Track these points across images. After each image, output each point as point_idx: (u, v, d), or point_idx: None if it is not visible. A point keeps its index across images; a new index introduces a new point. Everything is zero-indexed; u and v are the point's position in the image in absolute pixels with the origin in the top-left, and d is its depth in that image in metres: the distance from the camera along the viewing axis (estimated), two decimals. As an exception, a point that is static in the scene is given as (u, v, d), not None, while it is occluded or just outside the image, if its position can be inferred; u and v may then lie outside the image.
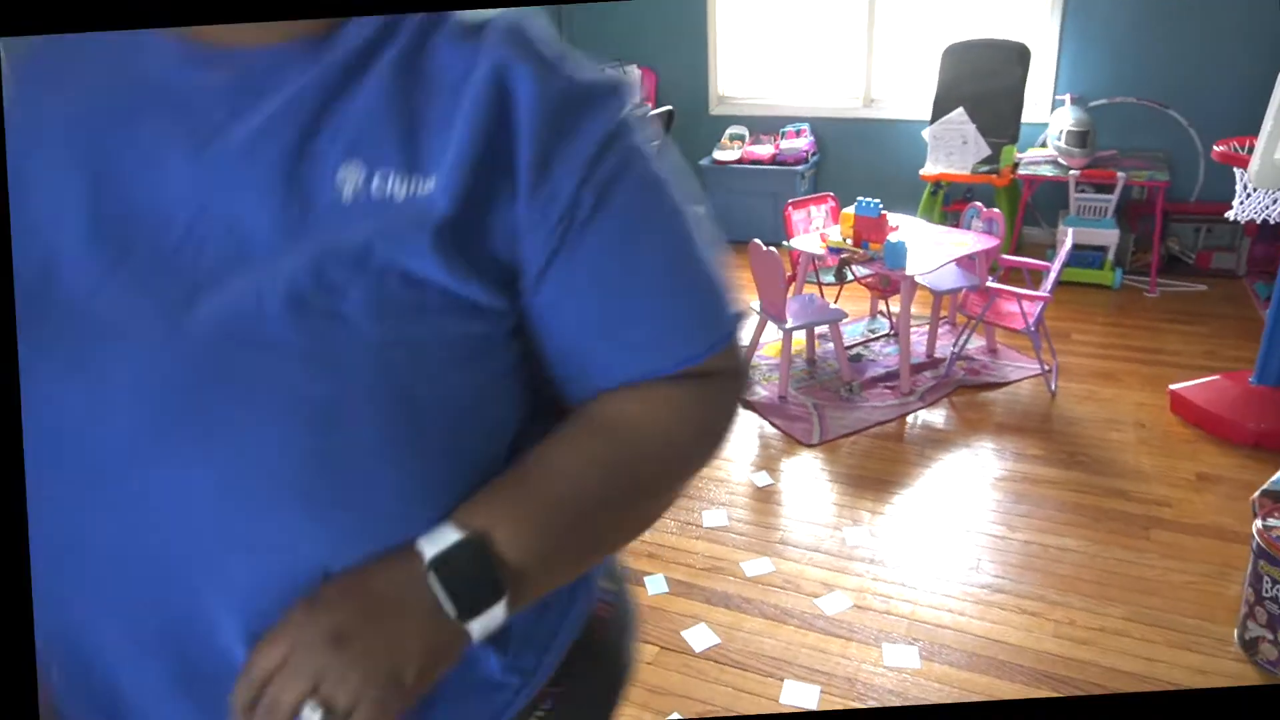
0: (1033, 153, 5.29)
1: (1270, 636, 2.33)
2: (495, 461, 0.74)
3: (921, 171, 5.33)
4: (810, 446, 3.58)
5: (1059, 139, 4.97)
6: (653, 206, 0.76)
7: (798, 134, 6.02)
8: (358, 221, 0.67)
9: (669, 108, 5.89)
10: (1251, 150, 3.32)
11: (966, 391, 3.95)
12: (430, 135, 0.69)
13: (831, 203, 4.41)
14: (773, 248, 3.82)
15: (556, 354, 0.76)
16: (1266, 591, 2.32)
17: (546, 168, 0.69)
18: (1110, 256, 5.00)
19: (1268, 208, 3.42)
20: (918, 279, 3.83)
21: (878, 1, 5.73)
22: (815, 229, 4.32)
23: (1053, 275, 3.73)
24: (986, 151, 5.12)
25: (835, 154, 6.13)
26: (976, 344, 4.32)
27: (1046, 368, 3.97)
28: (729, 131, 6.21)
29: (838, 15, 5.87)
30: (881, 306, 4.73)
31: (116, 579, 0.66)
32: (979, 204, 4.22)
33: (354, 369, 0.64)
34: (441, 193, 0.67)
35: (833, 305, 4.19)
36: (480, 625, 0.67)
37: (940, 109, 5.29)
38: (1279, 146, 3.08)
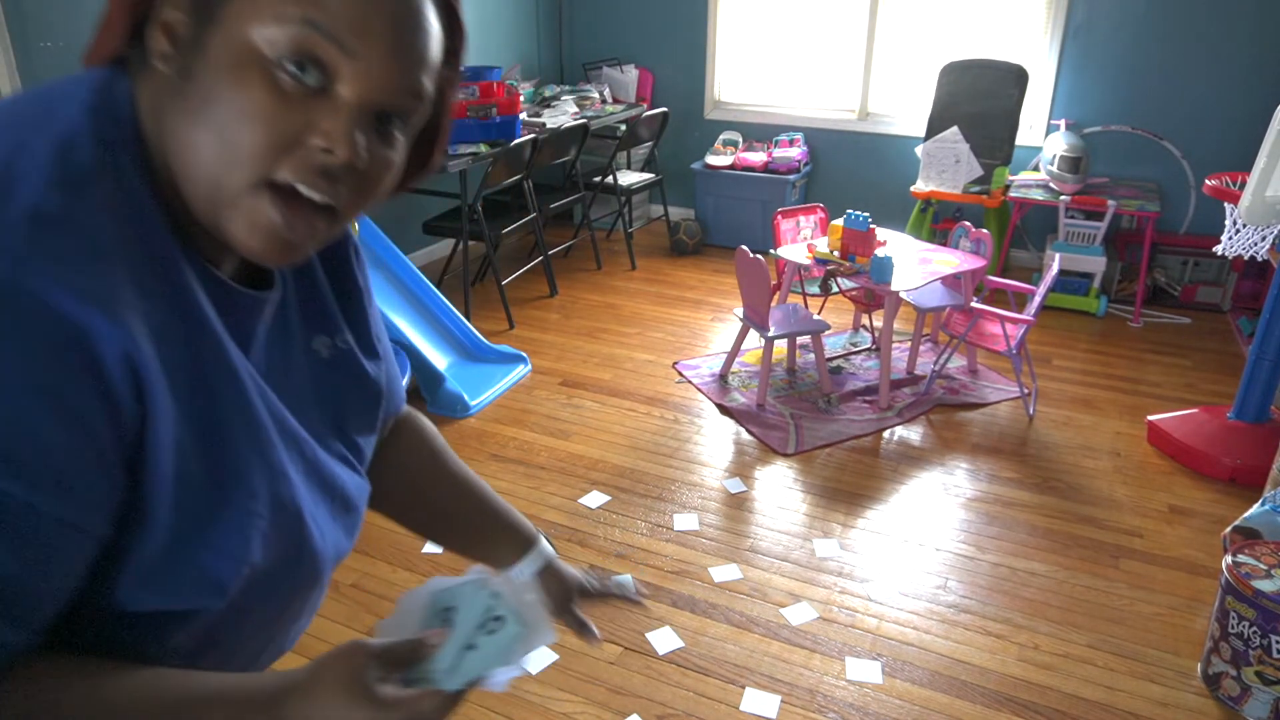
0: (1025, 176, 5.30)
1: (1234, 673, 2.33)
2: None
3: (913, 188, 5.33)
4: (785, 456, 3.56)
5: (1052, 164, 4.98)
6: None
7: (791, 143, 6.02)
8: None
9: (664, 110, 5.88)
10: (1243, 186, 3.33)
11: (945, 410, 3.94)
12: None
13: (821, 214, 4.40)
14: (759, 255, 3.80)
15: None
16: (1232, 627, 2.31)
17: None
18: (1096, 284, 5.01)
19: (1256, 244, 3.42)
20: (902, 295, 3.81)
21: (878, 16, 5.73)
22: (803, 239, 4.31)
23: (1037, 299, 3.72)
24: (979, 172, 5.12)
25: (827, 165, 6.13)
26: (957, 363, 4.32)
27: (1026, 391, 3.97)
28: (723, 137, 6.20)
29: (838, 28, 5.87)
30: (865, 320, 4.72)
31: None
32: (968, 224, 4.21)
33: None
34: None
35: (816, 316, 4.18)
36: None
37: (935, 127, 5.29)
38: (1270, 183, 3.09)
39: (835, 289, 4.27)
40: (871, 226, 3.86)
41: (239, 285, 0.77)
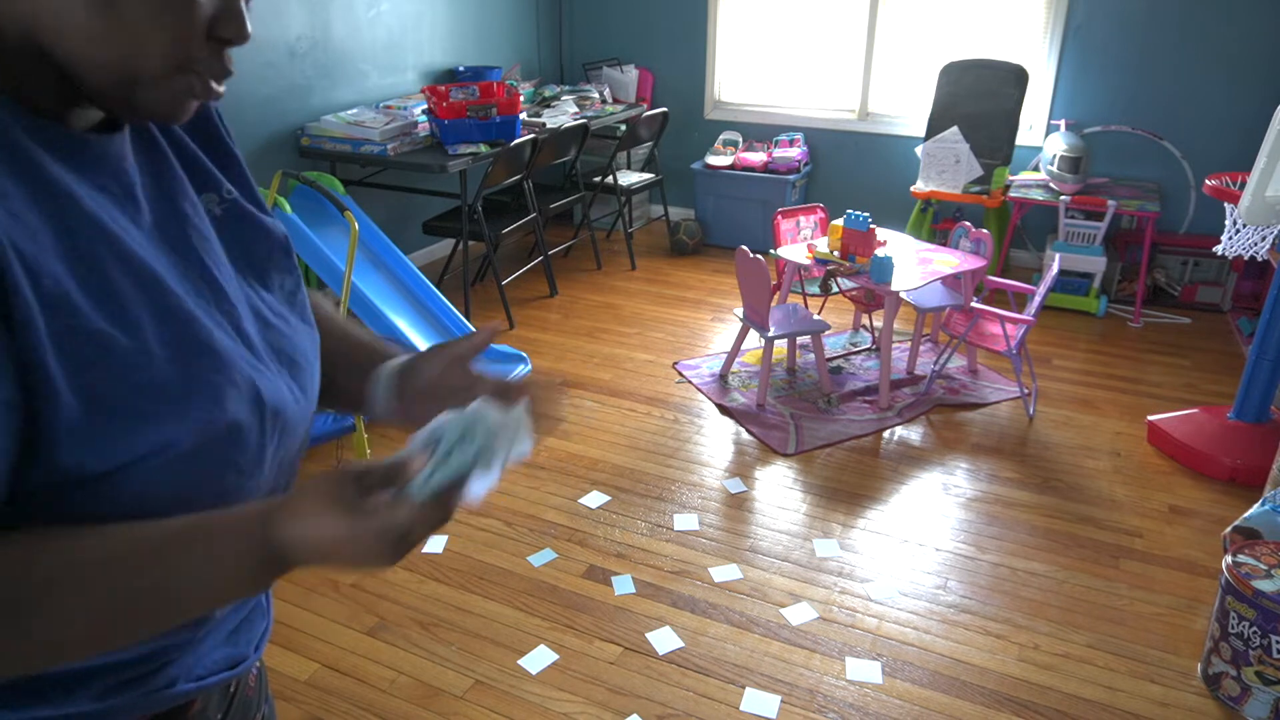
0: (1025, 176, 5.29)
1: (1233, 673, 2.33)
2: None
3: (913, 188, 5.33)
4: (785, 456, 3.56)
5: (1052, 164, 4.98)
6: None
7: (791, 143, 6.01)
8: None
9: (664, 110, 5.88)
10: (1243, 186, 3.33)
11: (945, 410, 3.94)
12: None
13: (821, 214, 4.40)
14: (759, 255, 3.80)
15: None
16: (1232, 627, 2.31)
17: None
18: (1096, 284, 5.01)
19: (1256, 244, 3.42)
20: (903, 295, 3.81)
21: (878, 16, 5.73)
22: (803, 239, 4.30)
23: (1037, 299, 3.72)
24: (979, 172, 5.12)
25: (827, 165, 6.13)
26: (957, 363, 4.32)
27: (1026, 391, 3.97)
28: (723, 137, 6.20)
29: (838, 28, 5.87)
30: (865, 320, 4.72)
31: None
32: (968, 224, 4.21)
33: None
34: None
35: (816, 316, 4.18)
36: None
37: (935, 127, 5.29)
38: (1270, 184, 3.09)
39: (835, 289, 4.27)
40: (871, 226, 3.86)
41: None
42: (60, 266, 0.67)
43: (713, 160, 6.02)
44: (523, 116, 4.94)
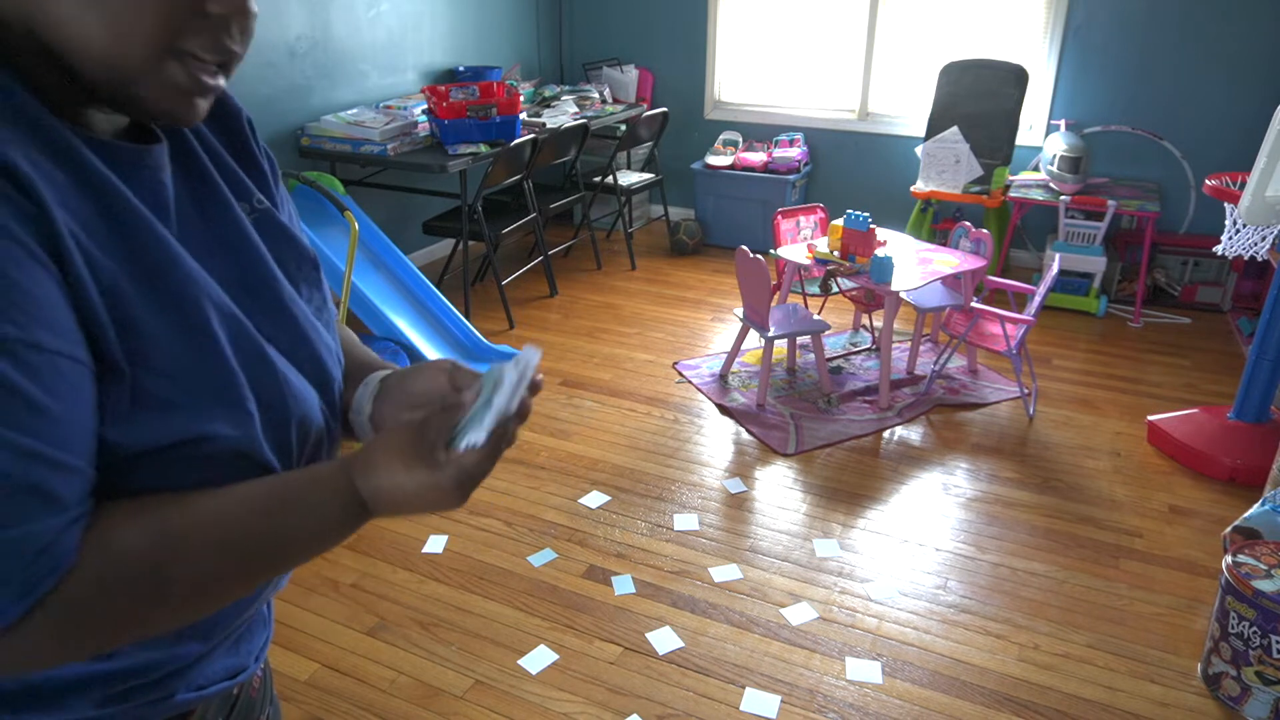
0: (1025, 176, 5.29)
1: (1233, 673, 2.33)
2: None
3: (913, 188, 5.33)
4: (785, 456, 3.56)
5: (1052, 164, 4.98)
6: None
7: (791, 143, 6.01)
8: None
9: (664, 110, 5.88)
10: (1243, 186, 3.33)
11: (945, 410, 3.94)
12: None
13: (821, 214, 4.40)
14: (759, 255, 3.80)
15: None
16: (1232, 627, 2.31)
17: None
18: (1096, 284, 5.01)
19: (1256, 244, 3.42)
20: (903, 295, 3.81)
21: (878, 16, 5.73)
22: (803, 239, 4.30)
23: (1037, 299, 3.72)
24: (979, 172, 5.12)
25: (827, 165, 6.13)
26: (957, 363, 4.32)
27: (1026, 391, 3.97)
28: (723, 137, 6.20)
29: (838, 28, 5.87)
30: (865, 320, 4.72)
31: None
32: (968, 224, 4.21)
33: None
34: None
35: (816, 316, 4.18)
36: None
37: (935, 127, 5.29)
38: (1270, 184, 3.09)
39: (835, 289, 4.27)
40: (871, 226, 3.86)
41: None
42: (111, 260, 0.69)
43: (713, 160, 6.02)
44: (523, 116, 4.94)
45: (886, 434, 3.75)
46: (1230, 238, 3.50)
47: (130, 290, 0.69)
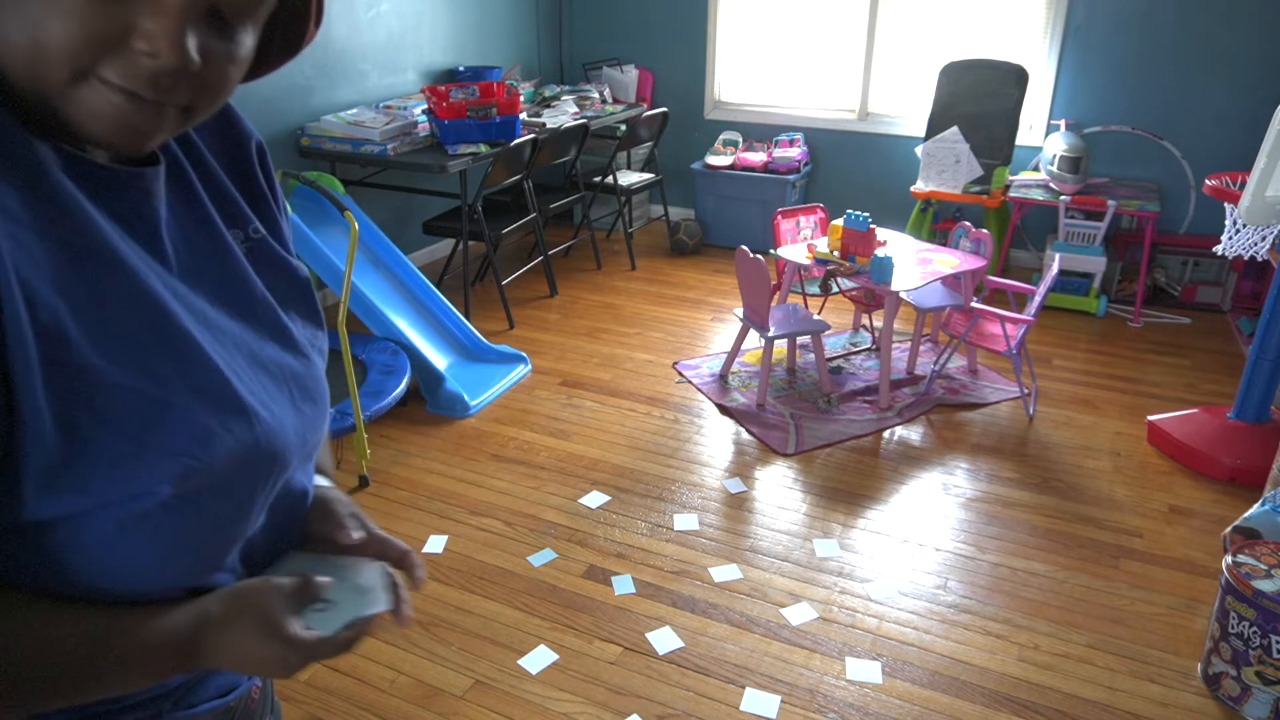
0: (1025, 176, 5.29)
1: (1233, 673, 2.33)
2: None
3: (913, 188, 5.33)
4: (785, 456, 3.56)
5: (1052, 164, 4.98)
6: None
7: (791, 143, 6.01)
8: None
9: (664, 110, 5.88)
10: (1243, 186, 3.33)
11: (945, 410, 3.94)
12: None
13: (821, 214, 4.40)
14: (759, 255, 3.80)
15: None
16: (1232, 628, 2.31)
17: None
18: (1096, 284, 5.00)
19: (1256, 244, 3.42)
20: (902, 295, 3.81)
21: (878, 16, 5.73)
22: (803, 239, 4.30)
23: (1037, 299, 3.72)
24: (979, 172, 5.12)
25: (827, 165, 6.13)
26: (957, 363, 4.32)
27: (1026, 391, 3.97)
28: (723, 137, 6.20)
29: (838, 28, 5.87)
30: (865, 320, 4.72)
31: None
32: (968, 224, 4.21)
33: None
34: None
35: (816, 316, 4.18)
36: None
37: (935, 127, 5.29)
38: (1270, 184, 3.09)
39: (835, 289, 4.27)
40: (871, 226, 3.86)
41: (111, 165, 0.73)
42: (60, 298, 0.65)
43: (713, 160, 6.02)
44: (523, 116, 4.94)
45: (886, 434, 3.75)
46: (1230, 238, 3.50)
47: (76, 332, 0.65)
